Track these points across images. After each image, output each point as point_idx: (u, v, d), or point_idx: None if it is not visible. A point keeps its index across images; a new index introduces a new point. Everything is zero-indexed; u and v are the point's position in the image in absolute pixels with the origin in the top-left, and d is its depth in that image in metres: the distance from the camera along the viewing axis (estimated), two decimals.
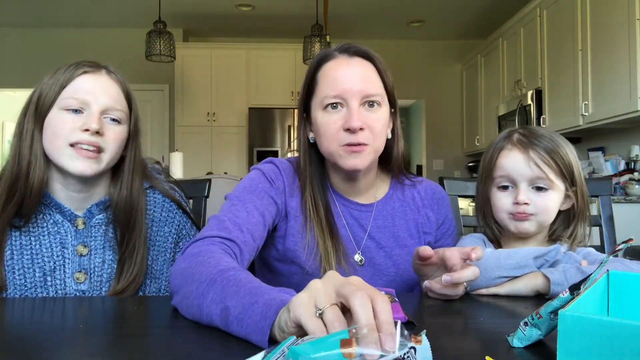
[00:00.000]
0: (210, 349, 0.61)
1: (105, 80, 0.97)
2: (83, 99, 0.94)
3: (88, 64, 0.97)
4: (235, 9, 5.07)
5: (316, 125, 0.98)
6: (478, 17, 5.27)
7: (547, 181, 0.94)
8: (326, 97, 0.95)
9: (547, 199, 0.96)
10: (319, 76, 0.99)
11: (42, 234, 0.97)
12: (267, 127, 5.40)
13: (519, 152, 0.96)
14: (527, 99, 4.13)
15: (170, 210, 1.08)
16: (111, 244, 1.00)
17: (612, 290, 0.60)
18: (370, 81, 0.96)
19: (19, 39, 5.52)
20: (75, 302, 0.86)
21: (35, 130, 0.94)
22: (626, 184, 3.04)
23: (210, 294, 0.66)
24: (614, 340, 0.42)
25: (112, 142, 0.96)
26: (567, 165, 0.96)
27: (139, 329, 0.70)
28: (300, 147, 1.05)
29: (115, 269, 0.99)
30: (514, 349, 0.58)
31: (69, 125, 0.93)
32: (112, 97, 0.97)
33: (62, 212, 0.98)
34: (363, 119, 0.94)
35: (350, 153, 0.94)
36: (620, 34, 3.00)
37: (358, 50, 0.99)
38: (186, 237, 1.10)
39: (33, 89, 0.97)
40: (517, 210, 0.96)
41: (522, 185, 0.96)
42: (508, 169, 0.97)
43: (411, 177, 1.11)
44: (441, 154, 6.08)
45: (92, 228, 1.00)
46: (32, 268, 0.95)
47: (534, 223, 0.97)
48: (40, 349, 0.60)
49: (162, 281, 1.04)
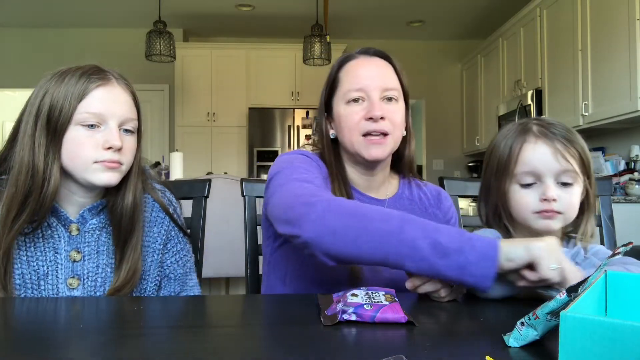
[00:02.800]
0: (210, 349, 0.61)
1: (118, 91, 0.96)
2: (100, 115, 0.92)
3: (98, 74, 0.94)
4: (235, 9, 5.07)
5: (339, 118, 1.06)
6: (478, 17, 5.27)
7: (573, 174, 0.89)
8: (349, 92, 1.04)
9: (572, 194, 0.90)
10: (341, 74, 1.08)
11: (37, 237, 0.95)
12: (267, 127, 5.40)
13: (545, 145, 0.89)
14: (527, 99, 4.13)
15: (160, 211, 1.07)
16: (105, 248, 0.99)
17: (610, 291, 0.61)
18: (389, 78, 1.06)
19: (19, 39, 5.52)
20: (74, 302, 0.86)
21: (51, 146, 0.91)
22: (626, 184, 3.04)
23: (408, 230, 0.76)
24: (615, 341, 0.42)
25: (129, 153, 0.96)
26: (587, 156, 0.92)
27: (138, 329, 0.70)
28: (323, 142, 1.10)
29: (108, 273, 0.98)
30: (514, 349, 0.58)
31: (91, 144, 0.91)
32: (127, 109, 0.96)
33: (57, 215, 0.97)
34: (384, 110, 1.01)
35: (371, 144, 1.01)
36: (620, 34, 3.00)
37: (377, 51, 1.10)
38: (174, 238, 1.08)
39: (34, 94, 0.94)
40: (545, 207, 0.89)
41: (549, 181, 0.89)
42: (535, 163, 0.90)
43: (416, 179, 1.18)
44: (441, 154, 6.08)
45: (85, 233, 0.99)
46: (28, 271, 0.94)
47: (561, 221, 0.91)
48: (40, 349, 0.60)
49: (148, 282, 1.03)
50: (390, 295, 0.77)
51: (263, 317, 0.80)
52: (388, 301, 0.73)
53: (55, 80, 0.93)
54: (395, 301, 0.73)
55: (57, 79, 0.93)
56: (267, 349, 0.63)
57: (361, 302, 0.71)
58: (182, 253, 1.09)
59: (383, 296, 0.75)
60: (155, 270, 1.05)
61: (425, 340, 0.64)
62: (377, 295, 0.75)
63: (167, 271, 1.07)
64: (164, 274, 1.07)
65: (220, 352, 0.61)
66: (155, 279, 1.05)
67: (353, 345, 0.63)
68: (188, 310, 0.84)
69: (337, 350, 0.61)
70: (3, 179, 0.95)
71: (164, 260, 1.07)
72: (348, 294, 0.75)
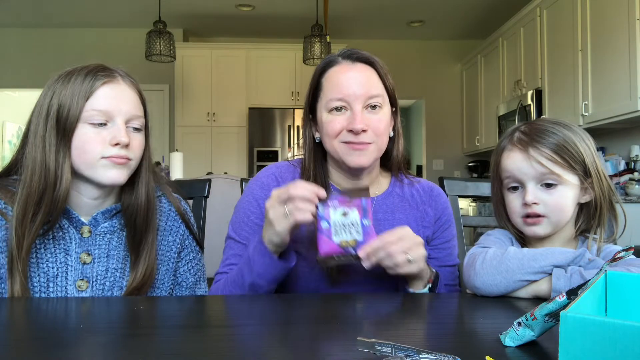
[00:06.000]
0: (211, 349, 0.61)
1: (124, 88, 0.97)
2: (107, 112, 0.93)
3: (103, 72, 0.95)
4: (236, 9, 5.07)
5: (322, 125, 1.04)
6: (478, 17, 5.27)
7: (554, 176, 0.90)
8: (331, 101, 1.01)
9: (558, 195, 0.91)
10: (323, 81, 1.05)
11: (47, 238, 0.96)
12: (267, 127, 5.40)
13: (519, 151, 0.93)
14: (527, 99, 4.13)
15: (175, 220, 1.08)
16: (116, 252, 1.00)
17: (610, 291, 0.60)
18: (372, 85, 1.02)
19: (19, 39, 5.52)
20: (77, 303, 0.86)
21: (61, 145, 0.92)
22: (626, 184, 3.04)
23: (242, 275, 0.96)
24: (615, 342, 0.42)
25: (137, 150, 0.97)
26: (576, 156, 0.91)
27: (138, 329, 0.71)
28: (305, 146, 1.10)
29: (117, 277, 0.99)
30: (514, 349, 0.58)
31: (99, 140, 0.92)
32: (133, 106, 0.97)
33: (69, 217, 0.97)
34: (366, 121, 0.99)
35: (353, 150, 0.99)
36: (620, 34, 3.00)
37: (360, 56, 1.04)
38: (188, 247, 1.09)
39: (42, 95, 0.95)
40: (527, 211, 0.92)
41: (529, 185, 0.92)
42: (512, 170, 0.94)
43: (410, 176, 1.15)
44: (441, 154, 6.08)
45: (96, 236, 0.99)
46: (37, 272, 0.94)
47: (547, 226, 0.92)
48: (42, 349, 0.60)
49: (162, 291, 1.04)
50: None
51: (263, 317, 0.80)
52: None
53: (62, 80, 0.94)
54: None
55: (63, 79, 0.94)
56: (267, 349, 0.63)
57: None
58: (194, 262, 1.11)
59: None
60: (169, 279, 1.05)
61: (425, 340, 0.64)
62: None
63: (180, 279, 1.08)
64: (176, 281, 1.08)
65: (220, 352, 0.61)
66: (168, 287, 1.05)
67: (351, 345, 0.63)
68: (188, 310, 0.85)
69: (337, 350, 0.61)
70: (15, 179, 0.96)
71: (177, 268, 1.08)
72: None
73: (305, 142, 1.10)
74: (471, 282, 0.89)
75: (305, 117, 1.11)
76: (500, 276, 0.85)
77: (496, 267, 0.86)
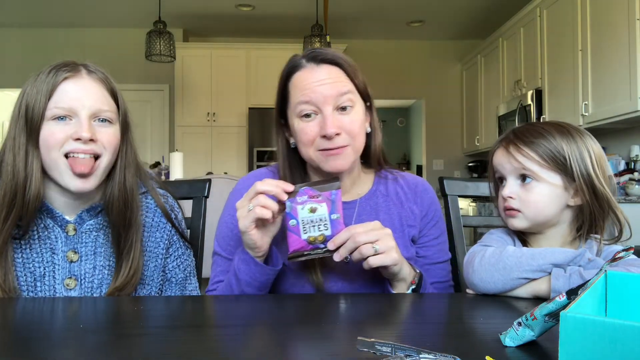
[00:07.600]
0: (208, 349, 0.61)
1: (88, 82, 0.95)
2: (69, 107, 0.92)
3: (66, 67, 0.94)
4: (236, 9, 5.07)
5: (294, 132, 1.01)
6: (478, 17, 5.27)
7: (529, 172, 0.92)
8: (299, 106, 0.98)
9: (533, 192, 0.92)
10: (290, 86, 1.02)
11: (32, 238, 0.95)
12: (267, 127, 5.39)
13: (501, 149, 0.97)
14: (527, 99, 4.13)
15: (162, 216, 1.07)
16: (102, 249, 0.99)
17: (610, 291, 0.60)
18: (340, 85, 0.98)
19: (19, 39, 5.52)
20: (73, 302, 0.86)
21: (29, 145, 0.92)
22: (626, 184, 3.04)
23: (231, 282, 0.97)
24: (615, 342, 0.42)
25: (107, 146, 0.95)
26: (557, 157, 0.90)
27: (137, 329, 0.71)
28: (279, 152, 1.08)
29: (106, 275, 0.98)
30: (514, 349, 0.58)
31: (61, 135, 0.91)
32: (98, 99, 0.95)
33: (53, 217, 0.97)
34: (338, 124, 0.96)
35: (329, 156, 0.97)
36: (620, 34, 3.00)
37: (324, 57, 1.00)
38: (176, 243, 1.09)
39: (18, 97, 0.94)
40: (505, 205, 0.95)
41: (509, 180, 0.95)
42: (496, 165, 0.98)
43: (393, 170, 1.13)
44: (441, 154, 6.08)
45: (82, 234, 0.98)
46: (23, 272, 0.94)
47: (523, 220, 0.93)
48: (38, 349, 0.60)
49: (152, 287, 1.03)
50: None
51: (263, 317, 0.80)
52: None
53: (31, 80, 0.94)
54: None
55: (32, 78, 0.94)
56: (267, 349, 0.63)
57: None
58: (183, 257, 1.10)
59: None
60: (159, 276, 1.05)
61: (425, 341, 0.64)
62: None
63: (169, 275, 1.07)
64: (165, 278, 1.07)
65: (220, 352, 0.61)
66: (158, 283, 1.05)
67: (351, 345, 0.63)
68: (188, 310, 0.85)
69: (337, 350, 0.61)
70: None
71: (166, 264, 1.07)
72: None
73: (279, 148, 1.07)
74: (469, 279, 0.89)
75: (276, 123, 1.09)
76: (498, 274, 0.85)
77: (494, 265, 0.86)
